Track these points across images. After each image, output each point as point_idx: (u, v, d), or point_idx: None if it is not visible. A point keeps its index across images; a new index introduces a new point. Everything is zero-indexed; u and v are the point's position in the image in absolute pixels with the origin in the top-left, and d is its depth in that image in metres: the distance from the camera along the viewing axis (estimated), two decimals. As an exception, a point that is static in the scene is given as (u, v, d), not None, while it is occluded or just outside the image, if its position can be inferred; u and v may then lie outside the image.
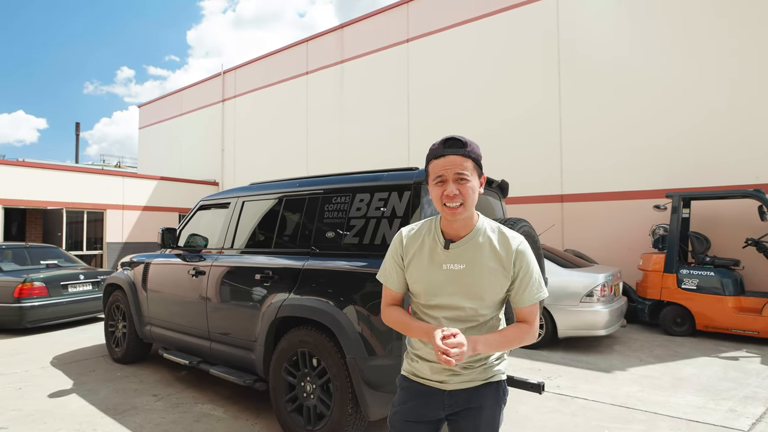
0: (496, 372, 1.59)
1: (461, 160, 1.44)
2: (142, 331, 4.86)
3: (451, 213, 1.45)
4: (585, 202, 8.87)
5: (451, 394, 1.55)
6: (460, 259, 1.50)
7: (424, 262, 1.54)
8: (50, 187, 12.73)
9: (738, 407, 3.85)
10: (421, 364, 1.59)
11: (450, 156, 1.44)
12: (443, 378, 1.55)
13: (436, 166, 1.47)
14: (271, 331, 3.37)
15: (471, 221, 1.53)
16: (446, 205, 1.45)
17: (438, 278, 1.51)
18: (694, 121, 7.82)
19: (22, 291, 6.67)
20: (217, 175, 17.03)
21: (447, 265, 1.50)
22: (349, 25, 13.24)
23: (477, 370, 1.55)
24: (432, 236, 1.56)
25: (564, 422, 3.56)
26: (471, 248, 1.50)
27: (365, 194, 3.20)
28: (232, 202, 4.22)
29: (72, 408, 3.84)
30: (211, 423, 3.54)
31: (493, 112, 10.02)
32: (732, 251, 6.95)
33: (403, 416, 1.60)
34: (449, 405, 1.56)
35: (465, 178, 1.44)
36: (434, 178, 1.47)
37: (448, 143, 1.46)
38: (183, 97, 18.87)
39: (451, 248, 1.51)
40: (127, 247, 14.13)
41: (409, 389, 1.62)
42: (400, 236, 1.62)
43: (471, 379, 1.55)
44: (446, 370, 1.54)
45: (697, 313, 6.38)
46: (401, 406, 1.62)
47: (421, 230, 1.60)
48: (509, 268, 1.50)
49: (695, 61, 7.86)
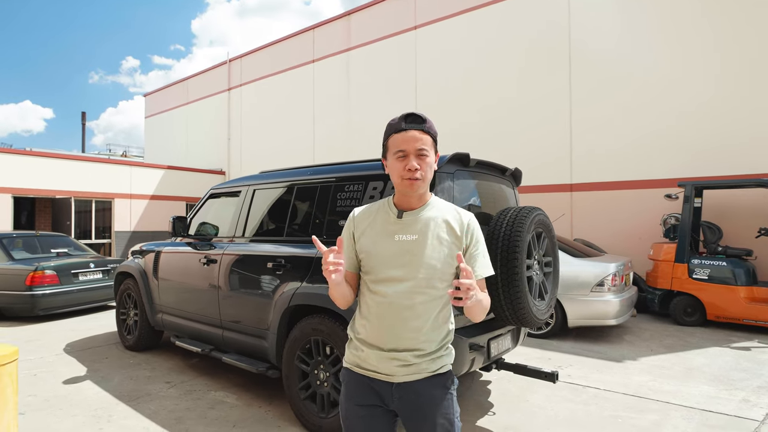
0: (444, 363, 1.55)
1: (421, 135, 1.47)
2: (154, 319, 4.89)
3: (410, 185, 1.46)
4: (594, 191, 8.80)
5: (399, 387, 1.51)
6: (412, 230, 1.50)
7: (376, 233, 1.53)
8: (59, 177, 12.78)
9: (751, 397, 3.83)
10: (367, 353, 1.53)
11: (411, 131, 1.47)
12: (391, 369, 1.49)
13: (396, 140, 1.48)
14: (284, 320, 3.38)
15: (425, 196, 1.55)
16: (407, 179, 1.46)
17: (390, 249, 1.50)
18: (705, 110, 7.69)
19: (33, 279, 6.73)
20: (224, 164, 17.03)
21: (399, 236, 1.50)
22: (357, 11, 13.09)
23: (426, 360, 1.50)
24: (384, 211, 1.56)
25: (576, 411, 3.56)
26: (423, 219, 1.51)
27: (379, 182, 3.17)
28: (243, 190, 4.21)
29: (87, 394, 3.89)
30: (224, 410, 3.56)
31: (502, 98, 9.91)
32: (744, 241, 6.88)
33: (355, 411, 1.54)
34: (398, 398, 1.51)
35: (424, 153, 1.47)
36: (395, 152, 1.48)
37: (410, 119, 1.48)
38: (189, 85, 18.81)
39: (404, 217, 1.51)
40: (135, 236, 14.21)
41: (355, 381, 1.56)
42: (352, 215, 1.63)
43: (419, 371, 1.50)
44: (395, 360, 1.48)
45: (708, 303, 6.34)
46: (349, 401, 1.56)
47: (371, 207, 1.61)
48: (462, 239, 1.51)
49: (709, 48, 7.70)
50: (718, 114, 7.59)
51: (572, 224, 8.95)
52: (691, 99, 7.83)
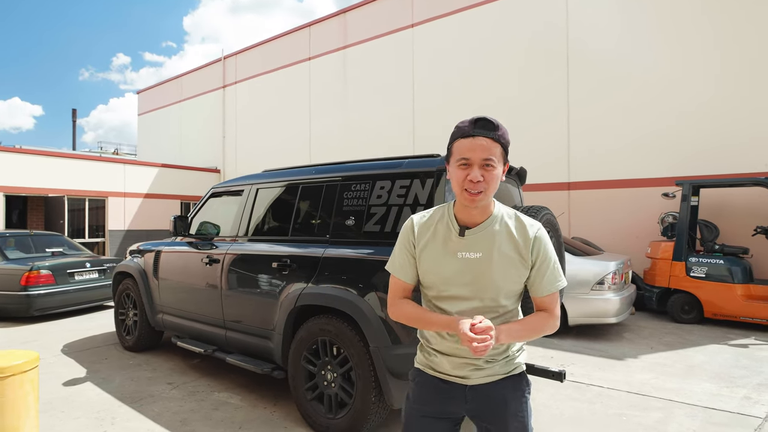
0: (517, 364, 1.52)
1: (490, 144, 1.34)
2: (154, 319, 4.84)
3: (471, 199, 1.36)
4: (592, 189, 8.84)
5: (473, 389, 1.47)
6: (476, 247, 1.41)
7: (438, 250, 1.45)
8: (51, 175, 12.62)
9: (753, 395, 3.86)
10: (440, 359, 1.50)
11: (479, 138, 1.34)
12: (465, 373, 1.46)
13: (461, 146, 1.36)
14: (290, 320, 3.35)
15: (488, 208, 1.44)
16: (467, 191, 1.35)
17: (453, 268, 1.42)
18: (703, 110, 7.75)
19: (29, 279, 6.64)
20: (219, 162, 16.91)
21: (462, 253, 1.42)
22: (353, 9, 13.04)
23: (500, 363, 1.48)
24: (445, 223, 1.46)
25: (582, 410, 3.57)
26: (487, 235, 1.42)
27: (386, 181, 3.15)
28: (246, 189, 4.17)
29: (88, 396, 3.84)
30: (229, 411, 3.53)
31: (498, 97, 9.92)
32: (741, 239, 6.95)
33: (420, 412, 1.52)
34: (471, 400, 1.48)
35: (491, 164, 1.34)
36: (458, 160, 1.36)
37: (479, 124, 1.36)
38: (183, 83, 18.65)
39: (467, 235, 1.42)
40: (130, 235, 14.08)
41: (426, 384, 1.53)
42: (411, 223, 1.52)
43: (493, 373, 1.47)
44: (468, 364, 1.45)
45: (705, 301, 6.40)
46: (418, 402, 1.53)
47: (433, 217, 1.51)
48: (527, 256, 1.42)
49: (707, 48, 7.75)
50: (716, 114, 7.65)
51: (570, 223, 8.99)
52: (689, 99, 7.89)
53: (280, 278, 3.47)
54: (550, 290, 1.45)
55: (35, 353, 2.33)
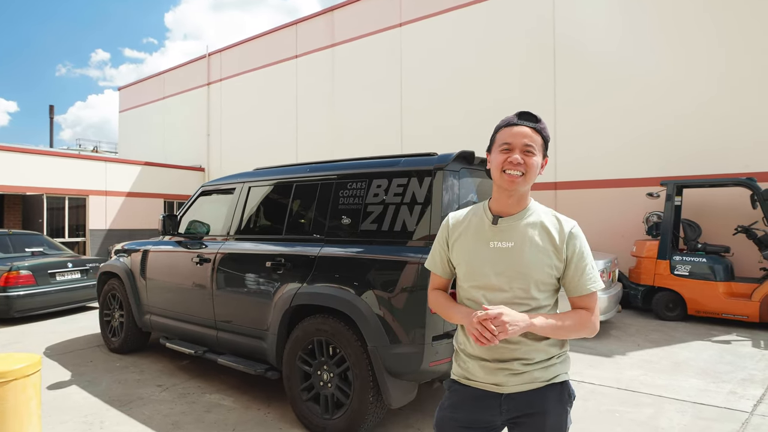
0: (559, 372, 1.45)
1: (532, 132, 1.40)
2: (142, 320, 4.73)
3: (510, 181, 1.38)
4: (578, 189, 8.96)
5: (509, 398, 1.42)
6: (509, 237, 1.42)
7: (470, 240, 1.47)
8: (29, 172, 12.25)
9: (738, 389, 3.96)
10: (473, 364, 1.46)
11: (522, 126, 1.40)
12: (499, 379, 1.41)
13: (504, 133, 1.42)
14: (285, 320, 3.31)
15: (524, 200, 1.45)
16: (506, 172, 1.38)
17: (484, 256, 1.43)
18: (686, 111, 7.92)
19: (8, 280, 6.44)
20: (203, 161, 16.67)
21: (494, 242, 1.43)
22: (340, 8, 12.98)
23: (538, 368, 1.41)
24: (479, 215, 1.49)
25: (575, 407, 3.57)
26: (521, 225, 1.42)
27: (383, 180, 3.14)
28: (238, 187, 4.11)
29: (75, 399, 3.74)
30: (222, 413, 3.48)
31: (487, 97, 9.97)
32: (722, 238, 7.12)
33: (454, 421, 1.47)
34: (507, 410, 1.42)
35: (532, 150, 1.39)
36: (500, 145, 1.41)
37: (523, 116, 1.42)
38: (166, 79, 18.32)
39: (500, 223, 1.43)
40: (111, 235, 13.78)
41: (460, 392, 1.50)
42: (446, 220, 1.58)
43: (532, 380, 1.41)
44: (502, 369, 1.40)
45: (689, 299, 6.54)
46: (451, 409, 1.49)
47: (467, 212, 1.55)
48: (561, 249, 1.40)
49: (688, 53, 7.93)
50: (700, 117, 7.82)
51: (556, 222, 9.09)
52: (675, 102, 8.04)
53: (274, 277, 3.43)
54: (590, 288, 1.42)
55: (37, 356, 2.25)
